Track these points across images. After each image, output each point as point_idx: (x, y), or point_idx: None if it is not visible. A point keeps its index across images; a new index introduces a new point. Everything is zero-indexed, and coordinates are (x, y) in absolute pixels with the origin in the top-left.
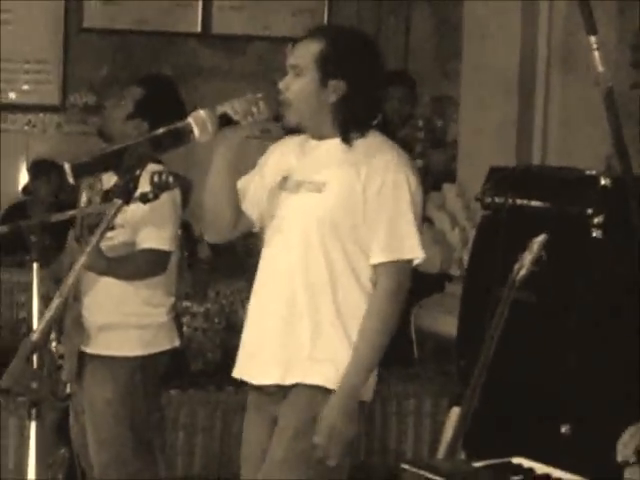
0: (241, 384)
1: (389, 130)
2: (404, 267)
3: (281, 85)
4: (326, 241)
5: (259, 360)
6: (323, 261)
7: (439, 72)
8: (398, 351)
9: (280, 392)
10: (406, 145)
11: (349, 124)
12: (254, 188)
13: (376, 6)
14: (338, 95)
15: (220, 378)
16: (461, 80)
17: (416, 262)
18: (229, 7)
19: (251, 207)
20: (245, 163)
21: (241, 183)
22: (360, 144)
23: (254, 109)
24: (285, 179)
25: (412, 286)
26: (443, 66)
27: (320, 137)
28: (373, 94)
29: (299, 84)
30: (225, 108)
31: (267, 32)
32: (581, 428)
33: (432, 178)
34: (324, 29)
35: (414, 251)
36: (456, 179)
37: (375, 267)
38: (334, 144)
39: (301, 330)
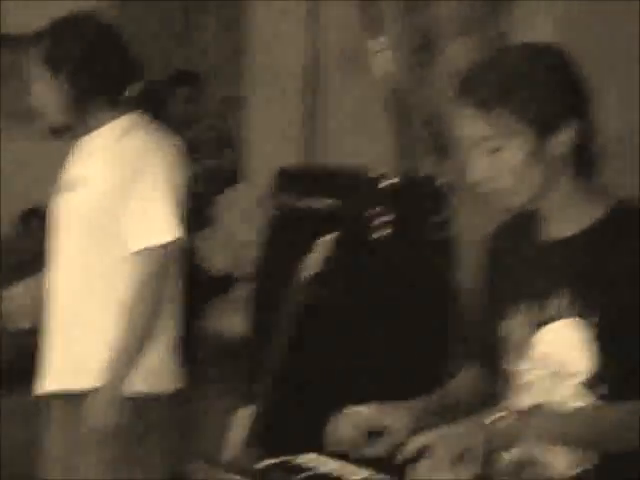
0: None
1: (177, 130)
2: (160, 251)
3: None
4: (91, 238)
5: (47, 367)
6: (92, 259)
7: (227, 73)
8: (186, 352)
9: (75, 397)
10: (194, 145)
11: (83, 109)
12: None
13: (162, 7)
14: (68, 85)
15: None
16: (248, 81)
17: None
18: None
19: None
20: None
21: None
22: (112, 129)
23: None
24: (63, 180)
25: (201, 286)
26: (231, 67)
27: (85, 132)
28: (98, 69)
29: (37, 91)
30: None
31: None
32: None
33: (221, 178)
34: (37, 33)
35: (169, 233)
36: (245, 179)
37: (134, 255)
38: (89, 136)
39: (80, 334)
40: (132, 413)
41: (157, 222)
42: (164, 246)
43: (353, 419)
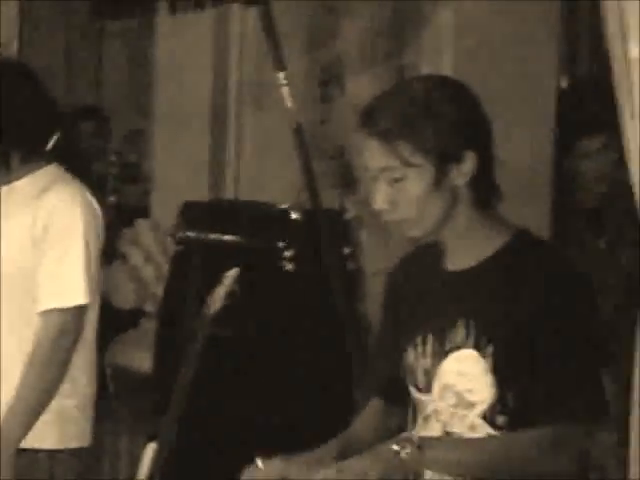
0: None
1: (82, 166)
2: (67, 314)
3: None
4: (4, 293)
5: None
6: (3, 315)
7: (133, 107)
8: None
9: None
10: (98, 181)
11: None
12: None
13: (66, 40)
14: None
15: None
16: (154, 115)
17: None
18: None
19: None
20: None
21: None
22: (30, 184)
23: None
24: None
25: (106, 322)
26: (137, 101)
27: (4, 183)
28: (17, 123)
29: None
30: None
31: None
32: None
33: (125, 214)
34: None
35: (78, 297)
36: (151, 214)
37: (43, 314)
38: (9, 188)
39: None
40: (40, 469)
41: (68, 283)
42: (74, 308)
43: (258, 474)
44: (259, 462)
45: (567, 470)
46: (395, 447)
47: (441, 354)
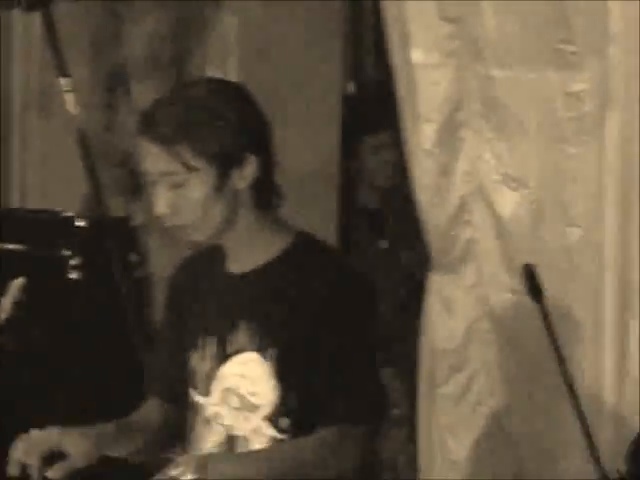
0: None
1: None
2: None
3: None
4: None
5: None
6: None
7: None
8: None
9: None
10: None
11: None
12: None
13: None
14: None
15: None
16: None
17: None
18: None
19: None
20: None
21: None
22: None
23: None
24: None
25: None
26: None
27: None
28: None
29: None
30: None
31: None
32: None
33: None
34: None
35: None
36: None
37: None
38: None
39: None
40: None
41: None
42: None
43: (31, 442)
44: (32, 430)
45: (354, 469)
46: (174, 473)
47: (222, 357)
